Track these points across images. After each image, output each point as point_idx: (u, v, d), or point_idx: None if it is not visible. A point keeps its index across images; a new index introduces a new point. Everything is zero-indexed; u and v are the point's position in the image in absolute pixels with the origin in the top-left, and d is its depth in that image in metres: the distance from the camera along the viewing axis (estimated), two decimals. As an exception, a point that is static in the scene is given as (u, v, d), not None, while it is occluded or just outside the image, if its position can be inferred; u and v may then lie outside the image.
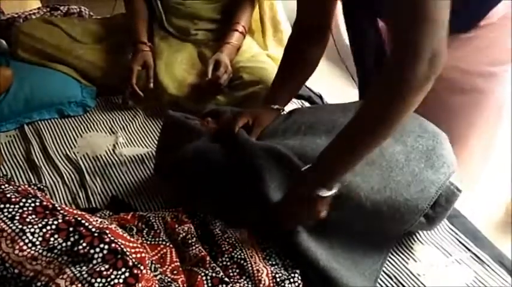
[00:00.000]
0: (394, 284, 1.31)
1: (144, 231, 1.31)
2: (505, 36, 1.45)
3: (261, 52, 2.15)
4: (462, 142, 1.58)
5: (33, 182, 1.59)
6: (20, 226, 1.06)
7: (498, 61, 1.50)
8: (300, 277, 1.27)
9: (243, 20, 2.07)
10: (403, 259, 1.38)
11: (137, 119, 1.94)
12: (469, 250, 1.40)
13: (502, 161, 1.67)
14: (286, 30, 2.30)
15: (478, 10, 1.41)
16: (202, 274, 1.18)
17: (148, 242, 1.28)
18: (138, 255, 1.09)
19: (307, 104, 2.03)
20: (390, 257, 1.38)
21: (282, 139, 1.45)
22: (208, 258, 1.24)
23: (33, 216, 1.08)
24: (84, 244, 1.05)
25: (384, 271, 1.33)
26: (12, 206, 1.09)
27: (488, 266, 1.36)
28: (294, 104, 2.03)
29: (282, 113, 1.59)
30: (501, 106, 1.55)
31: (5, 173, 1.62)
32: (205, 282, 1.17)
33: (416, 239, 1.43)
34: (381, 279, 1.31)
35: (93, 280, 0.99)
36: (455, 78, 1.52)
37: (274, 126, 1.52)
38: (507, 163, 1.67)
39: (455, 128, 1.53)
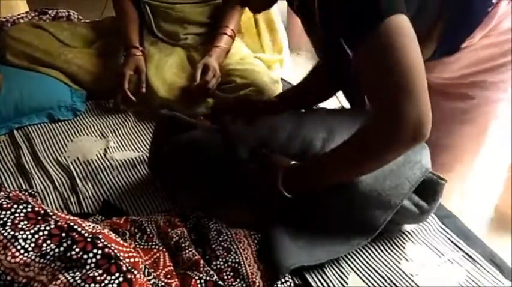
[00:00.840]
0: (387, 285, 1.31)
1: (137, 235, 1.31)
2: (491, 48, 1.45)
3: (250, 54, 2.16)
4: (453, 145, 1.59)
5: (24, 187, 1.58)
6: (12, 232, 1.05)
7: (486, 71, 1.50)
8: (290, 277, 1.27)
9: (232, 23, 2.07)
10: (395, 259, 1.38)
11: (128, 123, 1.94)
12: (461, 249, 1.41)
13: (492, 159, 1.68)
14: (280, 30, 2.33)
15: (457, 38, 1.42)
16: (197, 277, 1.18)
17: (142, 247, 1.28)
18: (132, 260, 1.08)
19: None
20: (382, 257, 1.38)
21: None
22: (202, 262, 1.23)
23: (25, 222, 1.07)
24: (77, 249, 1.04)
25: (376, 272, 1.33)
26: (3, 213, 1.08)
27: (480, 265, 1.36)
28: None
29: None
30: (494, 110, 1.56)
31: (-5, 179, 1.61)
32: (199, 286, 1.17)
33: (408, 239, 1.44)
34: (373, 279, 1.31)
35: (86, 286, 0.98)
36: (445, 89, 1.53)
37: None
38: (497, 161, 1.68)
39: (447, 132, 1.54)
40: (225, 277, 1.23)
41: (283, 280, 1.25)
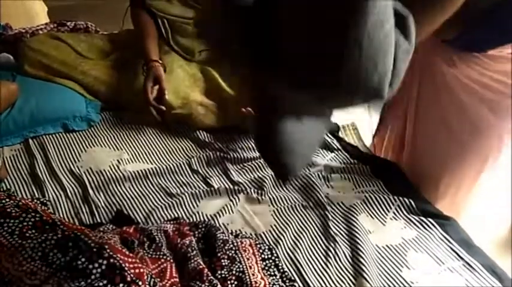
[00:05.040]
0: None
1: (146, 244, 1.33)
2: None
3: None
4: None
5: (37, 196, 1.61)
6: (19, 241, 1.08)
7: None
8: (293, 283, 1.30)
9: None
10: (397, 266, 1.40)
11: (142, 135, 1.96)
12: (461, 258, 1.43)
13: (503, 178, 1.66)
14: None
15: (483, 43, 1.41)
16: (198, 288, 1.20)
17: (149, 256, 1.30)
18: (137, 270, 1.10)
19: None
20: (384, 265, 1.41)
21: None
22: (205, 271, 1.25)
23: (33, 231, 1.10)
24: (83, 259, 1.06)
25: (377, 279, 1.36)
26: (12, 221, 1.11)
27: (479, 274, 1.38)
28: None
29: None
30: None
31: (9, 187, 1.64)
32: (201, 296, 1.19)
33: (410, 247, 1.46)
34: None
35: (91, 295, 1.01)
36: (471, 86, 1.51)
37: None
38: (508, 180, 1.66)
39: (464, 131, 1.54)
40: (229, 286, 1.25)
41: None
